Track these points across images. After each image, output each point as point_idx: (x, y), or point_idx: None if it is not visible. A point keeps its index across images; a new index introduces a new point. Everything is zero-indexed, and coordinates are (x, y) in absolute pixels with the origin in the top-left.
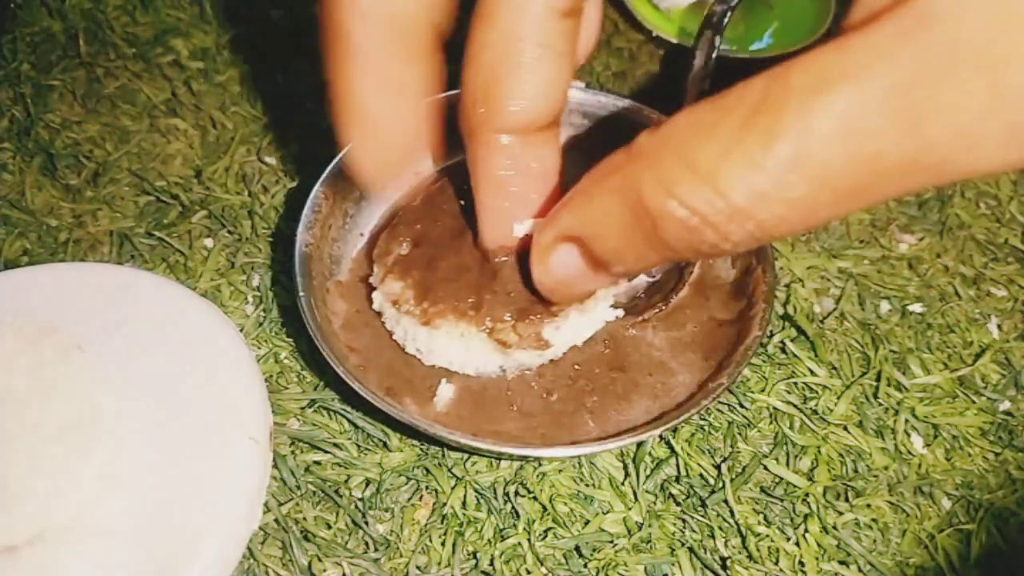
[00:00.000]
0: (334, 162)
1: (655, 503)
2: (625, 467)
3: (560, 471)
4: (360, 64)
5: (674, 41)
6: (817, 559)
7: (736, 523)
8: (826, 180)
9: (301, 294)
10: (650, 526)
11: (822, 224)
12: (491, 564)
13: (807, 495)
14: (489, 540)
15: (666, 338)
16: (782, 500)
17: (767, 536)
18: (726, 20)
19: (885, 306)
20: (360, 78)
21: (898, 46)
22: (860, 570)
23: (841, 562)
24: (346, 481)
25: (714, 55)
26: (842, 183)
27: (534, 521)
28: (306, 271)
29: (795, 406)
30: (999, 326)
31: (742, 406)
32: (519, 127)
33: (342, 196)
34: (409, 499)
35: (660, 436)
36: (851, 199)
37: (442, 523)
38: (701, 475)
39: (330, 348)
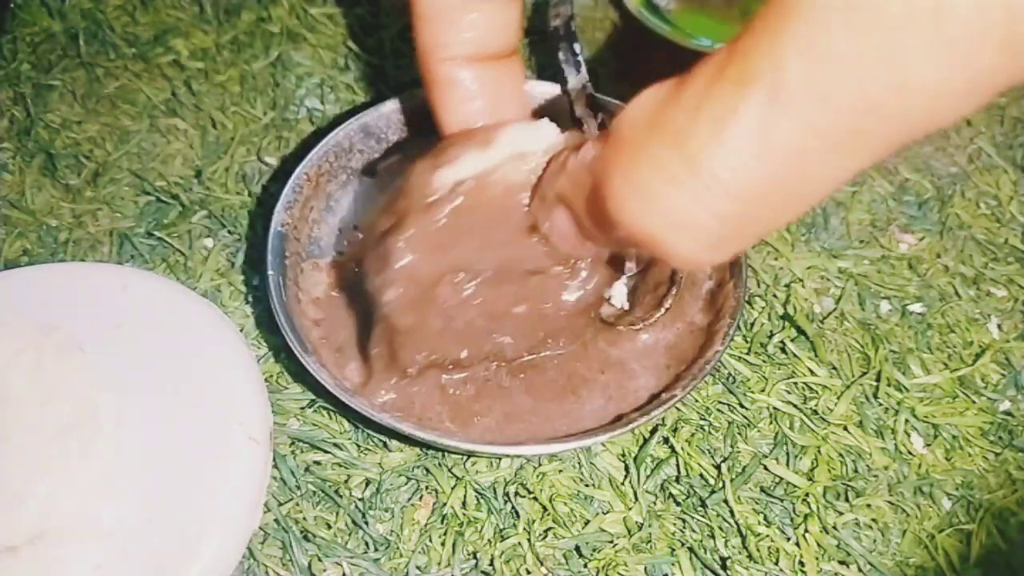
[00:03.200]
0: (319, 145)
1: (655, 503)
2: (625, 467)
3: (560, 471)
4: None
5: (674, 41)
6: (817, 559)
7: (736, 523)
8: (811, 122)
9: (269, 271)
10: (650, 526)
11: (818, 196)
12: (491, 564)
13: (807, 495)
14: (489, 540)
15: (637, 338)
16: (782, 500)
17: (767, 536)
18: (572, 27)
19: (885, 306)
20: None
21: None
22: (860, 570)
23: (841, 562)
24: (346, 481)
25: (581, 61)
26: (829, 127)
27: (534, 521)
28: (280, 249)
29: (795, 406)
30: (999, 326)
31: (742, 406)
32: (474, 55)
33: (326, 179)
34: (409, 499)
35: (644, 436)
36: (845, 146)
37: (442, 523)
38: (701, 475)
39: (292, 322)
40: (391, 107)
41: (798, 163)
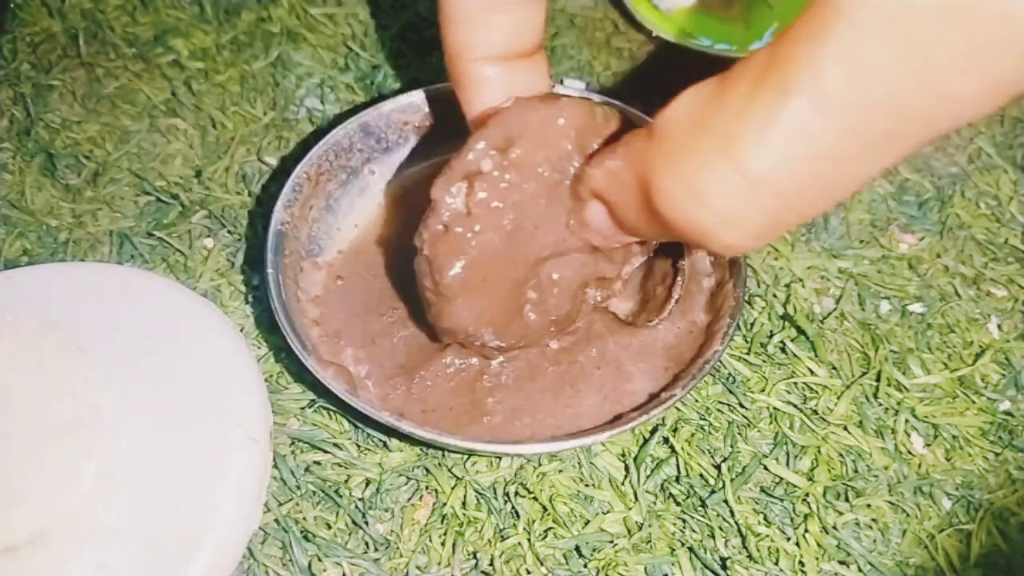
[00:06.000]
0: (319, 145)
1: (655, 503)
2: (625, 467)
3: (560, 471)
4: None
5: (674, 41)
6: (817, 559)
7: (736, 523)
8: (849, 127)
9: (269, 270)
10: (650, 526)
11: (852, 189)
12: (491, 564)
13: (807, 495)
14: (489, 540)
15: (637, 335)
16: (782, 500)
17: (767, 536)
18: None
19: (885, 306)
20: None
21: None
22: (860, 570)
23: (841, 562)
24: (346, 481)
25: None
26: (865, 131)
27: (534, 521)
28: (279, 248)
29: (795, 406)
30: (999, 326)
31: (742, 406)
32: (501, 55)
33: (326, 178)
34: (409, 499)
35: (644, 436)
36: (880, 146)
37: (442, 523)
38: (701, 475)
39: (292, 321)
40: (391, 107)
41: (836, 163)
